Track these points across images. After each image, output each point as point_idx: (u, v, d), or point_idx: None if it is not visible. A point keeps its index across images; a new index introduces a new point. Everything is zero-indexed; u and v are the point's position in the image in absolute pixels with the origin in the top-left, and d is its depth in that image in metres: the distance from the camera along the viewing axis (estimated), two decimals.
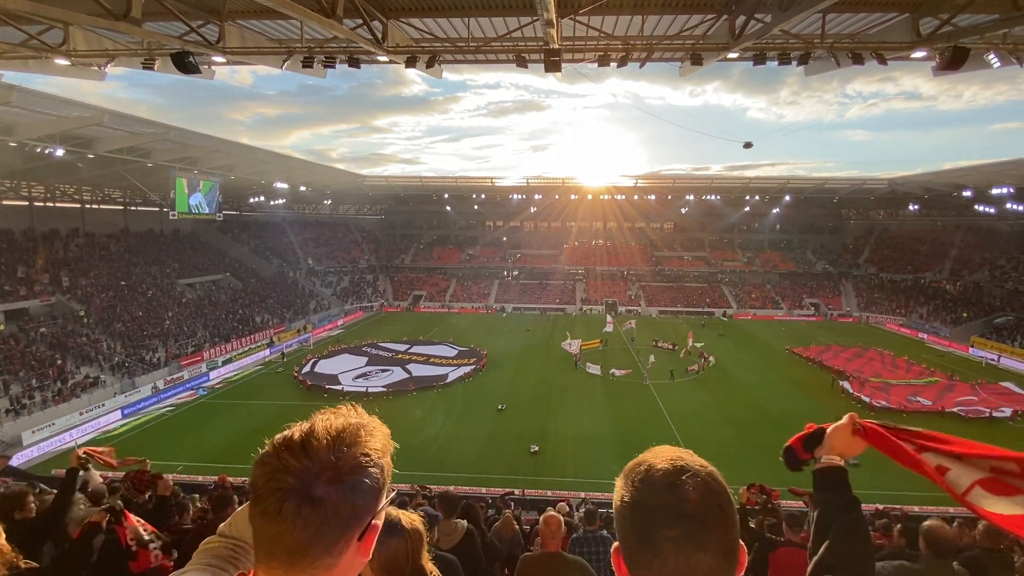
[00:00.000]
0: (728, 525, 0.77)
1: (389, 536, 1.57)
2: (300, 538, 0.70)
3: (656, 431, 22.63)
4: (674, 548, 0.74)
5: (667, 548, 0.75)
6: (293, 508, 0.70)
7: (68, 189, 38.65)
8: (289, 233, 60.65)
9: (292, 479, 0.71)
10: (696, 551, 0.74)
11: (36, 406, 23.38)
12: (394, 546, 1.56)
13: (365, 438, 0.79)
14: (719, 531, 0.76)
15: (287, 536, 0.70)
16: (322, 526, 0.71)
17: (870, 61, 11.17)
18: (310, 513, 0.70)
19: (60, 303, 31.71)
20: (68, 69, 13.36)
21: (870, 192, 52.34)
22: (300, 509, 0.70)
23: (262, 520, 0.73)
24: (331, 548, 0.72)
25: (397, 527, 1.61)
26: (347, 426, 0.79)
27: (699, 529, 0.75)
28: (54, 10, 9.45)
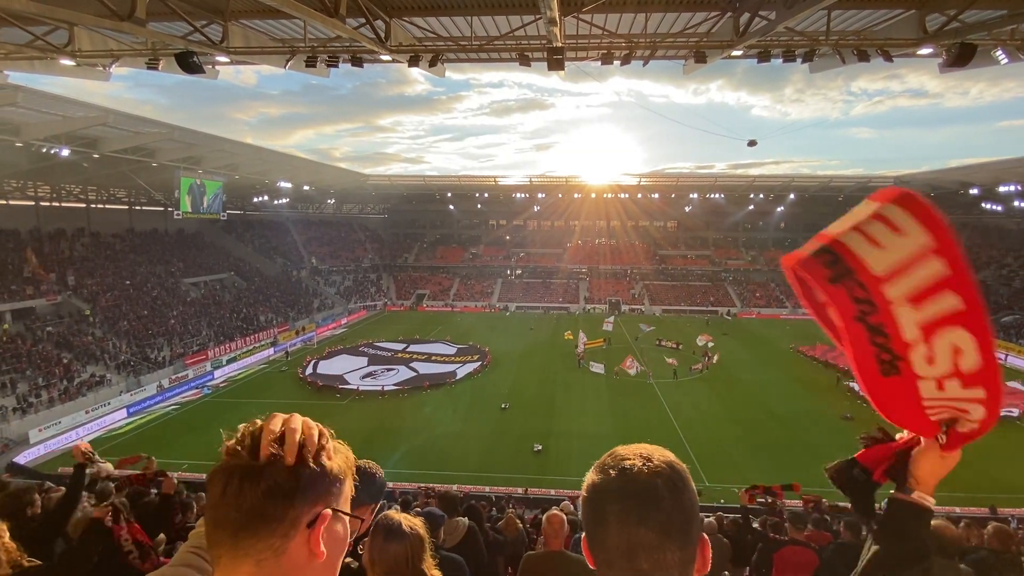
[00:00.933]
0: (674, 506, 0.79)
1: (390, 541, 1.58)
2: (243, 507, 0.71)
3: (660, 430, 22.59)
4: (617, 521, 0.79)
5: (611, 521, 0.79)
6: (238, 481, 0.72)
7: (74, 189, 38.87)
8: (293, 232, 60.80)
9: (236, 462, 0.73)
10: (637, 526, 0.77)
11: (43, 404, 23.53)
12: (395, 551, 1.56)
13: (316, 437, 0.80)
14: (662, 510, 0.78)
15: (233, 508, 0.71)
16: (266, 496, 0.71)
17: (876, 58, 11.11)
18: (251, 485, 0.71)
19: (66, 302, 31.90)
20: (73, 70, 13.45)
21: (875, 190, 51.94)
22: (243, 481, 0.71)
23: (208, 512, 0.74)
24: (275, 523, 0.72)
25: (398, 531, 1.61)
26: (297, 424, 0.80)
27: (640, 504, 0.78)
28: (59, 11, 9.51)
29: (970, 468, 16.07)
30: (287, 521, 0.72)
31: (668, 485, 0.80)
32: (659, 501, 0.79)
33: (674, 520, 0.79)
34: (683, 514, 0.80)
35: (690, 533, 0.81)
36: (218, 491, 0.73)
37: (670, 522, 0.78)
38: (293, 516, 0.73)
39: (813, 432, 22.10)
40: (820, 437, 21.36)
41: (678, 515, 0.79)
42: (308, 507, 0.74)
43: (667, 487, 0.80)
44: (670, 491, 0.80)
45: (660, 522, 0.78)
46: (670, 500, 0.79)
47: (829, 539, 5.55)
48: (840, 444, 20.74)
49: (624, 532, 0.78)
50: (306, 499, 0.74)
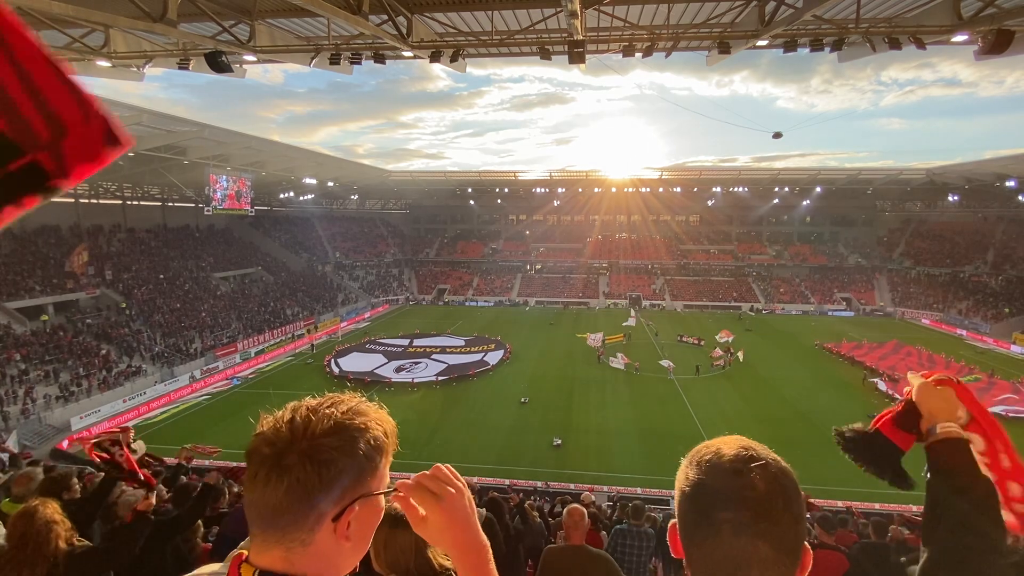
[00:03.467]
0: (792, 520, 0.74)
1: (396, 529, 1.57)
2: (269, 503, 0.73)
3: (681, 426, 22.43)
4: (732, 531, 0.73)
5: (725, 530, 0.74)
6: (264, 474, 0.73)
7: (111, 187, 40.41)
8: (318, 228, 61.95)
9: (268, 447, 0.75)
10: (755, 539, 0.73)
11: (83, 393, 24.64)
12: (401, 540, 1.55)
13: (356, 420, 0.79)
14: (782, 524, 0.74)
15: (260, 500, 0.73)
16: (288, 494, 0.72)
17: (908, 46, 10.76)
18: (276, 480, 0.72)
19: (104, 295, 33.24)
20: (109, 71, 13.95)
21: (907, 183, 50.39)
22: (269, 475, 0.73)
23: (245, 486, 0.77)
24: (300, 520, 0.73)
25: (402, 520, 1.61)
26: (338, 409, 0.79)
27: (761, 518, 0.73)
28: (96, 13, 9.90)
29: None
30: (311, 518, 0.73)
31: (785, 495, 0.75)
32: (779, 514, 0.74)
33: (790, 534, 0.74)
34: (798, 526, 0.76)
35: (802, 547, 0.76)
36: (250, 475, 0.76)
37: (787, 536, 0.74)
38: (317, 515, 0.74)
39: None
40: None
41: (793, 528, 0.75)
42: (333, 504, 0.75)
43: (784, 497, 0.75)
44: (787, 502, 0.75)
45: (779, 536, 0.73)
46: (787, 513, 0.74)
47: (855, 539, 5.46)
48: None
49: (738, 544, 0.73)
50: (330, 497, 0.74)
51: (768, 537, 0.73)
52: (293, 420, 0.77)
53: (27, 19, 10.75)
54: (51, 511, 2.22)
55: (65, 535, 2.23)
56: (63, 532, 2.22)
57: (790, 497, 0.76)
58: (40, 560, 2.12)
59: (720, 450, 0.82)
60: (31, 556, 2.10)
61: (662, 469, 18.11)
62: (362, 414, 0.81)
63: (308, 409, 0.79)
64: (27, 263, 31.58)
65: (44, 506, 2.23)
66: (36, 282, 30.42)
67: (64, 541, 2.21)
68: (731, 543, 0.73)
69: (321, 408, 0.79)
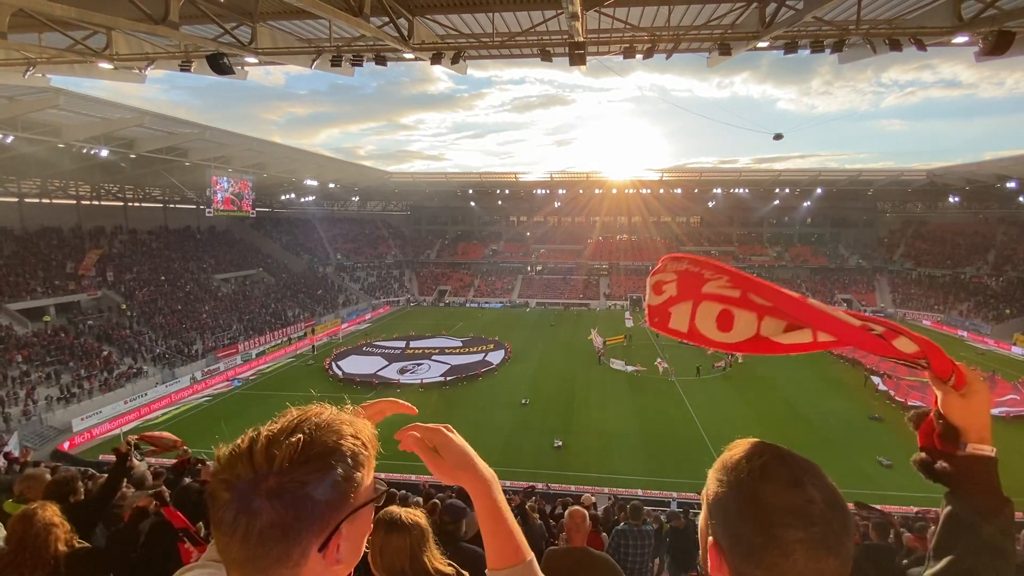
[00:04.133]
0: (852, 528, 0.74)
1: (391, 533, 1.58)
2: (242, 550, 0.66)
3: (682, 428, 22.42)
4: (805, 551, 0.69)
5: (798, 551, 0.70)
6: (231, 518, 0.66)
7: (112, 188, 40.48)
8: (319, 229, 62.02)
9: (229, 491, 0.67)
10: (827, 555, 0.70)
11: (84, 394, 24.66)
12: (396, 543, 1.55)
13: (326, 441, 0.72)
14: (845, 534, 0.72)
15: (232, 546, 0.67)
16: (261, 538, 0.65)
17: (908, 47, 10.77)
18: (246, 525, 0.65)
19: (106, 297, 33.28)
20: (111, 72, 13.98)
21: (907, 184, 50.38)
22: (237, 520, 0.65)
23: (213, 528, 0.70)
24: (281, 560, 0.67)
25: (399, 524, 1.60)
26: (305, 429, 0.72)
27: (829, 532, 0.70)
28: (97, 15, 9.92)
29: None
30: (294, 555, 0.67)
31: (841, 503, 0.72)
32: (844, 528, 0.71)
33: (850, 541, 0.72)
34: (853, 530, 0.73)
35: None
36: (215, 521, 0.68)
37: (849, 545, 0.71)
38: (300, 550, 0.68)
39: (840, 432, 21.61)
40: (847, 437, 20.88)
41: (853, 535, 0.73)
42: (316, 535, 0.68)
43: (841, 506, 0.72)
44: (844, 510, 0.72)
45: (846, 548, 0.71)
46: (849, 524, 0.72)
47: (857, 541, 5.46)
48: (868, 444, 20.37)
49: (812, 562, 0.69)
50: (312, 530, 0.68)
51: (837, 551, 0.70)
52: (252, 454, 0.68)
53: (30, 21, 10.79)
54: (50, 514, 2.22)
55: (64, 537, 2.23)
56: (62, 535, 2.22)
57: (842, 502, 0.73)
58: (39, 563, 2.12)
59: (761, 458, 0.77)
60: (30, 559, 2.11)
61: (663, 471, 18.09)
62: (333, 431, 0.73)
63: (268, 438, 0.70)
64: (29, 264, 31.63)
65: (43, 509, 2.24)
66: (38, 283, 30.47)
67: (64, 544, 2.21)
68: (805, 564, 0.69)
69: (283, 434, 0.70)
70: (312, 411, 0.76)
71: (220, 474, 0.69)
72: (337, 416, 0.76)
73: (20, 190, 34.75)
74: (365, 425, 0.79)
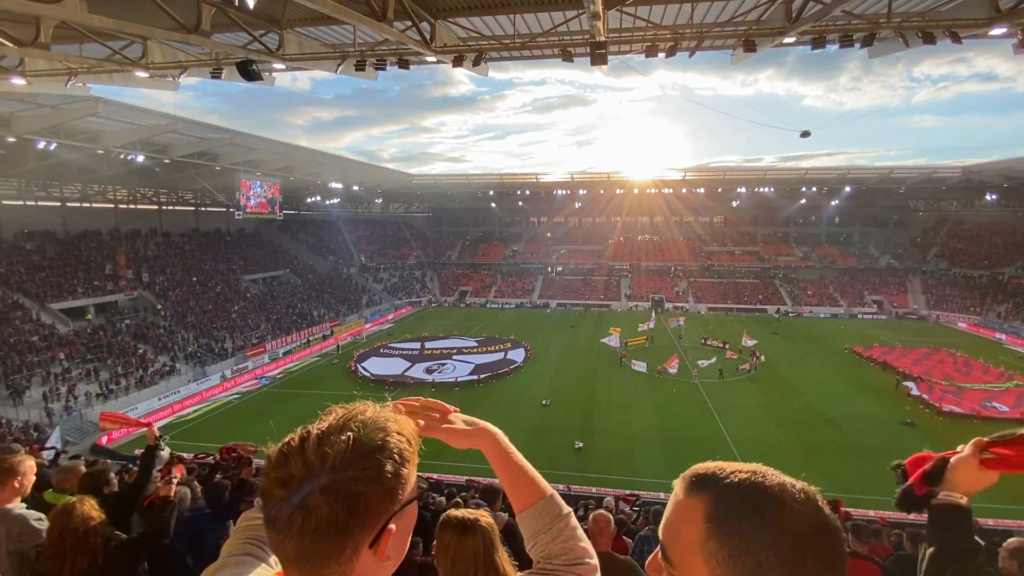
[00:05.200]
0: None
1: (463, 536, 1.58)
2: (297, 547, 0.68)
3: (705, 431, 22.08)
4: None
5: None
6: (285, 516, 0.68)
7: (147, 192, 42.00)
8: (343, 231, 63.17)
9: (283, 488, 0.69)
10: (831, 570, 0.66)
11: (121, 391, 25.64)
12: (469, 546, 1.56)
13: (374, 438, 0.73)
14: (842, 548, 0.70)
15: (286, 543, 0.69)
16: (316, 535, 0.67)
17: (942, 40, 10.42)
18: (301, 523, 0.67)
19: (141, 297, 34.54)
20: (147, 81, 14.55)
21: (941, 181, 48.57)
22: (292, 518, 0.67)
23: (266, 525, 0.71)
24: (335, 556, 0.69)
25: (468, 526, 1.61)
26: (353, 427, 0.73)
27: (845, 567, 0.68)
28: (134, 26, 10.33)
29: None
30: (347, 552, 0.70)
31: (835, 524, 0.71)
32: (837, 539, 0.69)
33: None
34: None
35: None
36: (269, 518, 0.70)
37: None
38: (352, 546, 0.70)
39: (870, 437, 20.97)
40: (878, 443, 20.24)
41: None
42: (368, 532, 0.71)
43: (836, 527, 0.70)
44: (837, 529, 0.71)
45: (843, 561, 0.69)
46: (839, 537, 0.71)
47: (889, 551, 5.29)
48: (900, 451, 19.43)
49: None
50: (364, 527, 0.70)
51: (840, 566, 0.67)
52: (304, 452, 0.70)
53: (71, 33, 11.29)
54: (88, 507, 2.33)
55: (102, 529, 2.34)
56: (100, 527, 2.32)
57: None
58: (80, 554, 2.23)
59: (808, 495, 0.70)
60: (71, 550, 2.21)
61: None
62: (380, 428, 0.75)
63: (319, 437, 0.72)
64: (70, 266, 33.03)
65: (82, 503, 2.34)
66: (78, 284, 31.79)
67: (101, 536, 2.32)
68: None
69: (332, 432, 0.72)
70: (357, 409, 0.78)
71: (273, 472, 0.71)
72: (381, 413, 0.78)
73: (63, 195, 36.35)
74: (407, 422, 0.81)
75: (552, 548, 0.97)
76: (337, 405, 0.80)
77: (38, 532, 2.46)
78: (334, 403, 0.81)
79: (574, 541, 0.98)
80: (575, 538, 0.99)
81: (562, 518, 1.00)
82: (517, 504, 1.00)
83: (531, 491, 1.01)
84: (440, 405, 1.05)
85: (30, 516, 2.56)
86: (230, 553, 0.98)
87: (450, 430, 1.01)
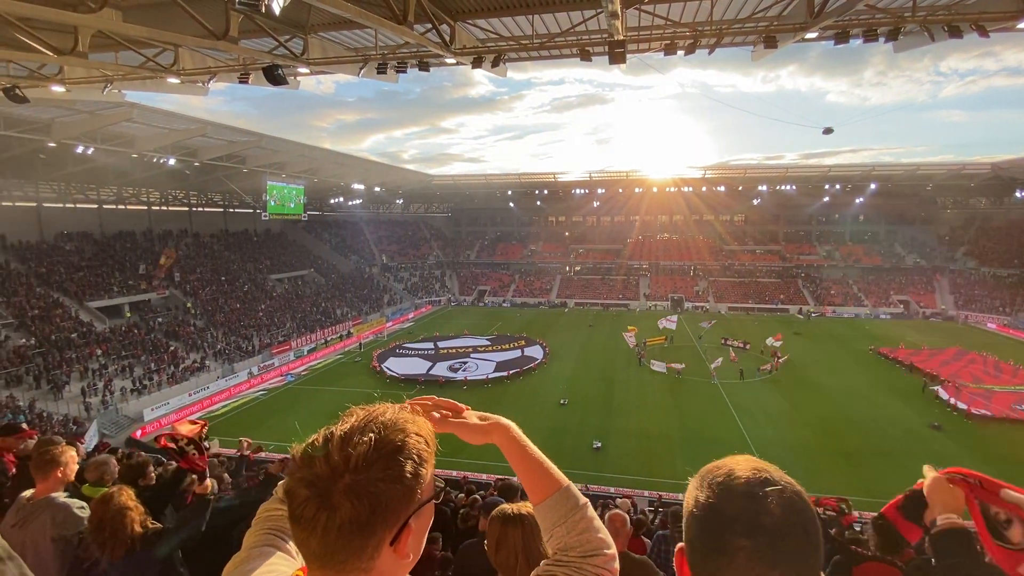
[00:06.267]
0: (811, 548, 0.71)
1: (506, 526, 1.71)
2: (322, 544, 0.71)
3: (724, 432, 21.86)
4: (747, 559, 0.70)
5: (740, 558, 0.70)
6: (311, 514, 0.71)
7: (178, 194, 43.38)
8: (365, 231, 64.20)
9: (308, 488, 0.72)
10: (771, 568, 0.69)
11: (154, 386, 26.60)
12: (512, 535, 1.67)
13: (394, 439, 0.76)
14: (800, 553, 0.70)
15: (311, 541, 0.72)
16: (340, 533, 0.70)
17: (969, 34, 10.19)
18: (327, 520, 0.70)
19: (173, 296, 35.73)
20: (178, 87, 15.09)
21: (970, 178, 46.97)
22: (317, 516, 0.70)
23: (291, 523, 0.75)
24: (357, 553, 0.72)
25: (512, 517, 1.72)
26: (374, 429, 0.76)
27: (777, 545, 0.70)
28: (166, 34, 10.78)
29: None
30: (368, 550, 0.73)
31: (803, 522, 0.72)
32: (797, 541, 0.71)
33: (809, 563, 0.71)
34: (817, 556, 0.72)
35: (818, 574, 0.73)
36: (295, 516, 0.73)
37: (805, 567, 0.70)
38: (374, 544, 0.73)
39: (896, 441, 20.51)
40: (904, 446, 19.81)
41: (813, 558, 0.71)
42: (389, 530, 0.74)
43: (802, 525, 0.72)
44: (805, 530, 0.72)
45: (796, 565, 0.70)
46: (806, 541, 0.71)
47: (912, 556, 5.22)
48: (927, 455, 19.23)
49: (755, 572, 0.69)
50: (386, 525, 0.73)
51: (783, 566, 0.69)
52: (328, 453, 0.73)
53: (107, 42, 11.81)
54: (125, 498, 2.49)
55: (139, 519, 2.50)
56: (136, 516, 2.48)
57: (808, 523, 0.72)
58: (118, 542, 2.39)
59: (733, 471, 0.78)
60: (109, 538, 2.39)
61: None
62: (399, 429, 0.77)
63: (342, 438, 0.75)
64: (107, 266, 34.34)
65: (120, 493, 2.51)
66: (115, 283, 33.03)
67: (139, 525, 2.48)
68: (746, 570, 0.70)
69: (355, 433, 0.75)
70: (377, 411, 0.80)
71: (298, 472, 0.74)
72: (400, 415, 0.81)
73: (99, 197, 37.82)
74: (425, 423, 0.83)
75: (568, 540, 0.97)
76: (358, 407, 0.83)
77: (80, 520, 2.60)
78: (357, 400, 0.85)
79: (591, 533, 0.98)
80: (591, 529, 0.98)
81: (578, 509, 1.01)
82: (534, 497, 1.03)
83: (547, 483, 1.03)
84: (453, 404, 1.08)
85: (73, 504, 2.69)
86: (253, 545, 1.00)
87: (464, 424, 1.04)
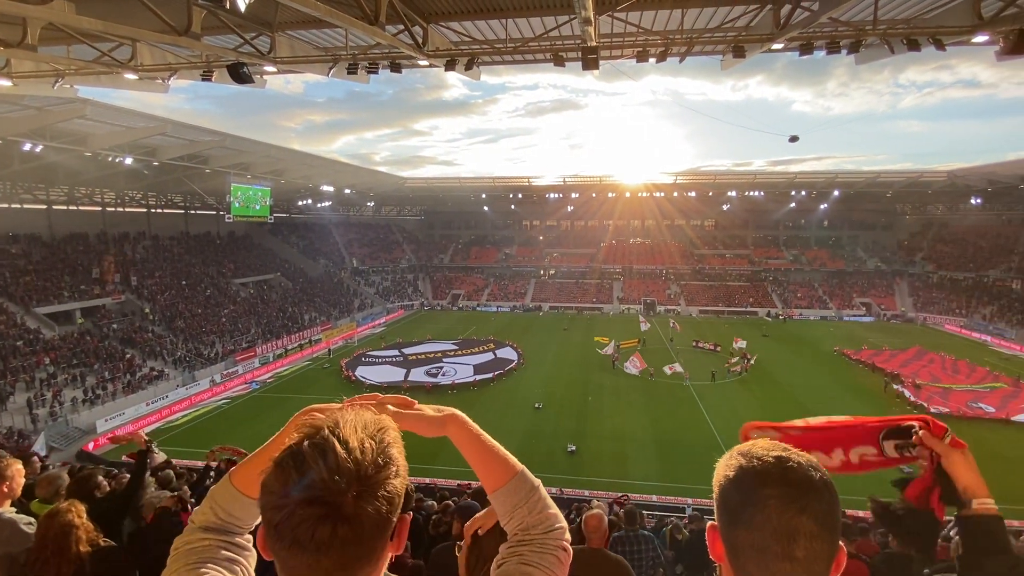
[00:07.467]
0: (835, 502, 0.80)
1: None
2: (338, 559, 0.67)
3: (696, 433, 22.19)
4: (778, 505, 0.76)
5: (771, 505, 0.77)
6: (328, 533, 0.65)
7: (136, 195, 41.50)
8: (335, 234, 62.84)
9: (318, 507, 0.66)
10: (800, 513, 0.76)
11: (108, 396, 25.25)
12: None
13: (384, 437, 0.76)
14: (823, 501, 0.78)
15: (324, 561, 0.67)
16: (360, 542, 0.68)
17: (927, 47, 10.61)
18: (347, 534, 0.67)
19: (129, 301, 34.11)
20: (136, 83, 14.39)
21: (927, 185, 49.35)
22: (336, 532, 0.66)
23: (291, 552, 0.67)
24: (368, 556, 0.72)
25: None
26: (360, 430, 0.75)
27: (804, 493, 0.77)
28: (123, 28, 10.22)
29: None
30: (377, 550, 0.73)
31: (824, 480, 0.81)
32: (820, 492, 0.78)
33: (831, 513, 0.79)
34: (837, 509, 0.81)
35: (839, 530, 0.81)
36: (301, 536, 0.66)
37: (828, 515, 0.78)
38: (383, 543, 0.74)
39: None
40: None
41: (835, 509, 0.80)
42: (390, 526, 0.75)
43: (824, 481, 0.80)
44: (827, 485, 0.80)
45: (821, 512, 0.77)
46: (830, 496, 0.79)
47: (876, 549, 5.35)
48: None
49: (786, 516, 0.76)
50: (392, 521, 0.74)
51: (813, 511, 0.76)
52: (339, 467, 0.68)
53: (59, 34, 11.17)
54: (72, 515, 2.28)
55: (87, 537, 2.28)
56: (83, 534, 2.27)
57: (828, 482, 0.81)
58: (62, 561, 2.18)
59: (756, 444, 0.87)
60: (53, 557, 2.17)
61: (678, 476, 17.86)
62: (380, 427, 0.78)
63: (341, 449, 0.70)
64: (56, 270, 32.55)
65: (67, 511, 2.29)
66: (65, 288, 31.33)
67: (86, 543, 2.26)
68: (779, 516, 0.76)
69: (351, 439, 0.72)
70: (342, 414, 0.77)
71: (302, 494, 0.66)
72: (365, 412, 0.80)
73: (49, 197, 35.81)
74: (390, 420, 0.83)
75: (529, 520, 1.02)
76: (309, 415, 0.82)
77: (28, 536, 2.43)
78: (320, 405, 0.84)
79: (548, 510, 1.05)
80: (548, 507, 1.05)
81: (536, 490, 1.06)
82: (490, 484, 1.04)
83: (504, 469, 1.05)
84: (403, 399, 1.06)
85: (20, 520, 2.54)
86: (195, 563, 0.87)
87: (421, 418, 1.03)
